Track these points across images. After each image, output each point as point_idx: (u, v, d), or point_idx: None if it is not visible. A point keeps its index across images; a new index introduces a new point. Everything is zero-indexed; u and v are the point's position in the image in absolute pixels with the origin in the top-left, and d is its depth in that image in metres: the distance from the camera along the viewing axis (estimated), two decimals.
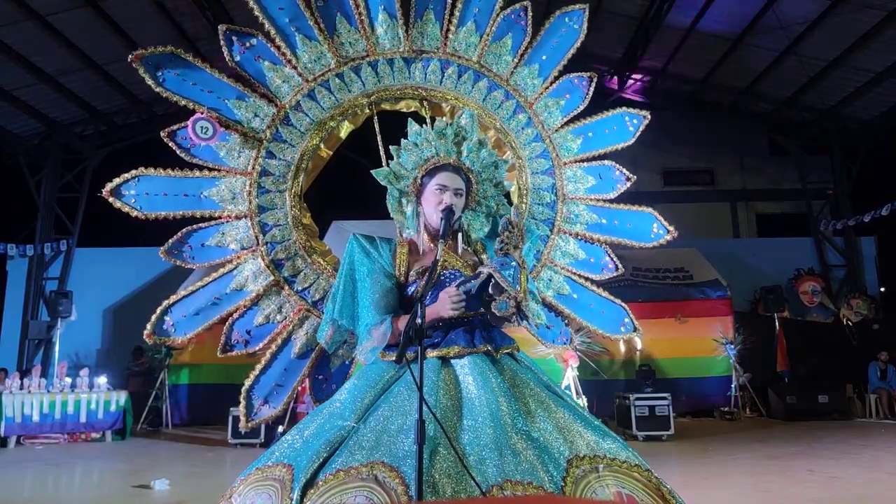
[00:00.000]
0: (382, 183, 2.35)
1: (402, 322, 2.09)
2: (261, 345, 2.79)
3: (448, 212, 2.15)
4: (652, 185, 14.71)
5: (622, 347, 10.51)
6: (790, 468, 5.81)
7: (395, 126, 2.62)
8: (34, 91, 11.36)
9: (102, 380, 9.23)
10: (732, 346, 10.64)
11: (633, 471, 1.79)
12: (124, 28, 10.50)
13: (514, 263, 2.07)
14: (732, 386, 10.50)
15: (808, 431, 8.45)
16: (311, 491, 1.67)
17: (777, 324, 11.01)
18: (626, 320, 3.10)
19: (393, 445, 1.73)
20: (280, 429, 6.53)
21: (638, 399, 8.15)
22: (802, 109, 13.18)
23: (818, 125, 13.32)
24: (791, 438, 7.89)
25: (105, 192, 2.68)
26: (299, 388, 2.88)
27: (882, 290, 13.69)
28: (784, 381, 10.51)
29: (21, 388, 8.64)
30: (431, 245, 2.26)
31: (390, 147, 2.36)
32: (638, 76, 13.62)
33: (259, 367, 2.79)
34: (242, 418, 2.76)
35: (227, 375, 9.65)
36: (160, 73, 2.71)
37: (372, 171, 2.37)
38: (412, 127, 2.33)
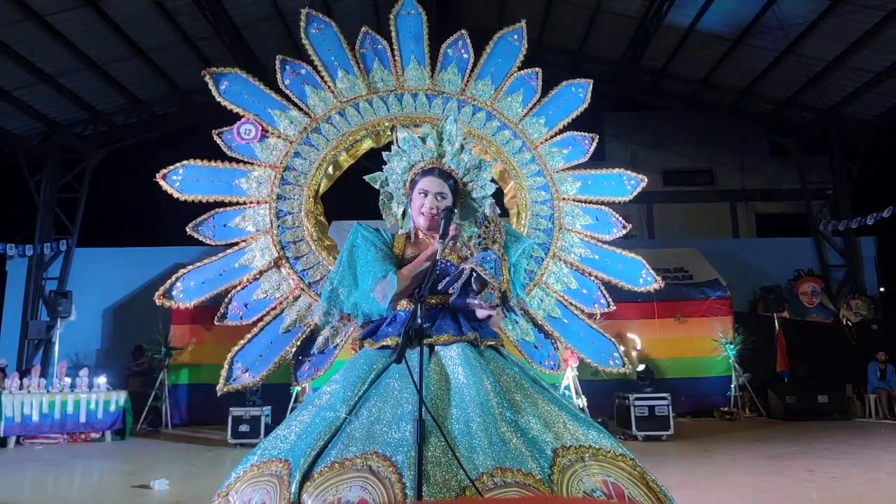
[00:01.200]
0: (376, 187, 2.55)
1: (406, 269, 2.21)
2: (255, 317, 3.01)
3: (448, 212, 2.23)
4: (652, 185, 14.65)
5: (622, 347, 10.50)
6: (790, 468, 5.81)
7: None
8: (34, 91, 11.33)
9: (102, 380, 9.23)
10: (732, 346, 10.64)
11: (619, 460, 1.82)
12: (124, 28, 10.49)
13: (493, 256, 2.14)
14: (732, 386, 10.50)
15: (807, 431, 8.44)
16: (308, 483, 1.70)
17: (777, 324, 10.99)
18: (616, 355, 3.29)
19: (386, 435, 1.77)
20: None
21: (637, 399, 8.15)
22: (802, 109, 13.17)
23: (818, 125, 13.30)
24: (791, 438, 7.89)
25: (158, 176, 3.05)
26: (299, 389, 2.97)
27: (882, 290, 13.67)
28: (784, 381, 10.49)
29: (21, 387, 8.64)
30: (424, 239, 2.36)
31: (383, 153, 2.51)
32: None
33: (248, 336, 2.98)
34: (221, 381, 2.94)
35: None
36: (223, 87, 3.19)
37: (365, 177, 2.57)
38: (400, 133, 2.49)
